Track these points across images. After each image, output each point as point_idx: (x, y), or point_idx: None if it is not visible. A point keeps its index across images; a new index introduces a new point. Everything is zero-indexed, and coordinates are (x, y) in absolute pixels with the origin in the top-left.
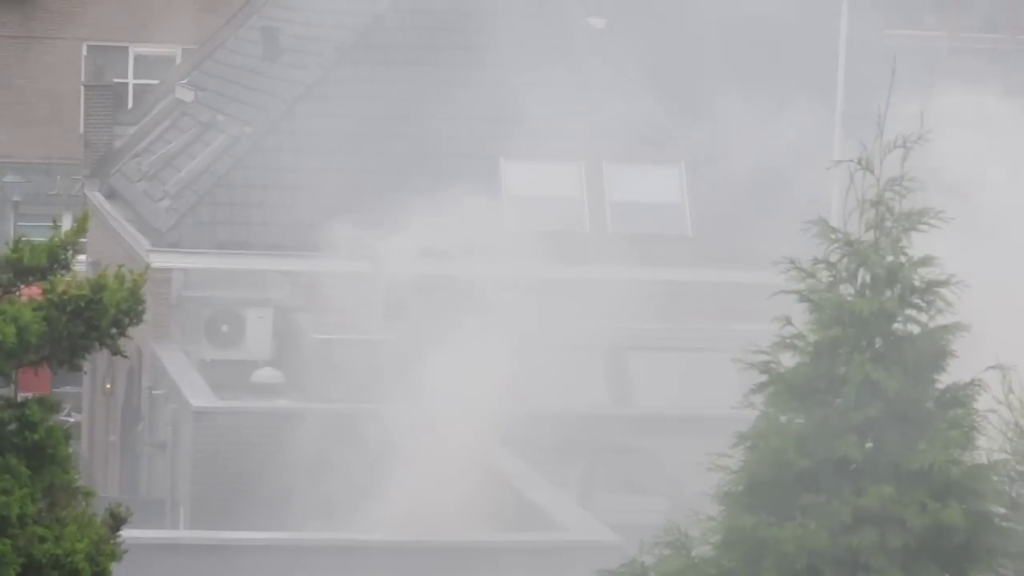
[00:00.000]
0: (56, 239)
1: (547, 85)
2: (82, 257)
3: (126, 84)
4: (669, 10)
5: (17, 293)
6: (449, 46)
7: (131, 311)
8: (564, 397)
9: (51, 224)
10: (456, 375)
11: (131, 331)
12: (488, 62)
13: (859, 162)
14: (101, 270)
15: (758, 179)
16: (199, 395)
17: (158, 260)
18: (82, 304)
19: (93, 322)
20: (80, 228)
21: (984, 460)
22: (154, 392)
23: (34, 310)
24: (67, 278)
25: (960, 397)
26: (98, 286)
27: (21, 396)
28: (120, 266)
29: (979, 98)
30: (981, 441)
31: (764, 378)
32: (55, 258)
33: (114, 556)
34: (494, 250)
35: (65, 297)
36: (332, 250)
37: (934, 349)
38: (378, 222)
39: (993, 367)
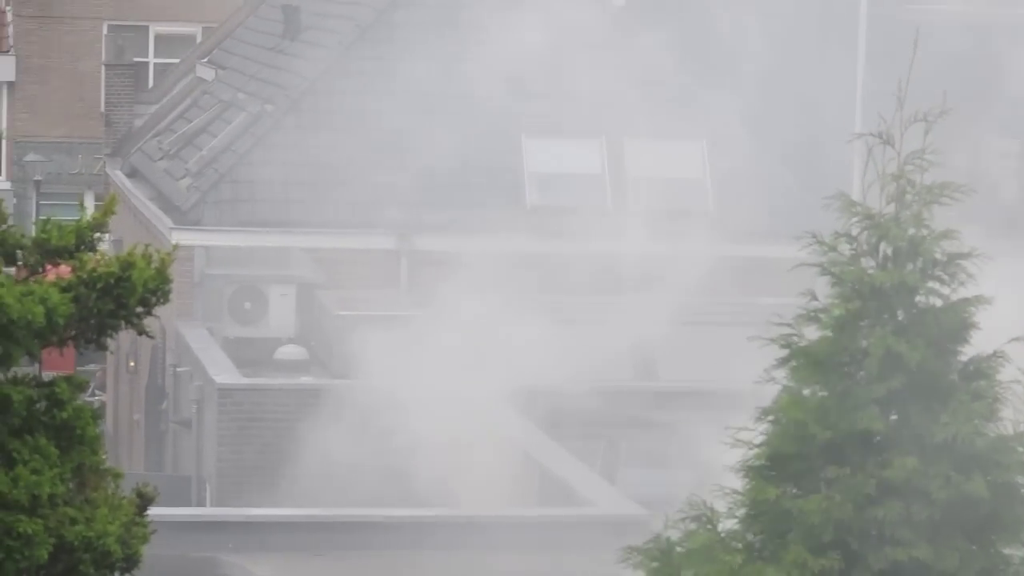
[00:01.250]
0: (84, 221)
1: (568, 62)
2: (106, 236)
3: (147, 63)
4: None
5: (43, 273)
6: (469, 23)
7: (158, 290)
8: (589, 372)
9: (74, 203)
10: (479, 351)
11: (157, 311)
12: (508, 39)
13: (879, 136)
14: (129, 248)
15: (781, 154)
16: (223, 372)
17: (180, 238)
18: (111, 282)
19: (122, 300)
20: (108, 209)
21: (1009, 431)
22: (178, 370)
23: (63, 290)
24: (96, 256)
25: (983, 369)
26: (126, 264)
27: (46, 375)
28: (147, 246)
29: None
30: (1005, 412)
31: (786, 352)
32: (83, 239)
33: (145, 539)
34: (517, 226)
35: (95, 275)
36: (355, 227)
37: (956, 321)
38: (400, 199)
39: (1017, 339)
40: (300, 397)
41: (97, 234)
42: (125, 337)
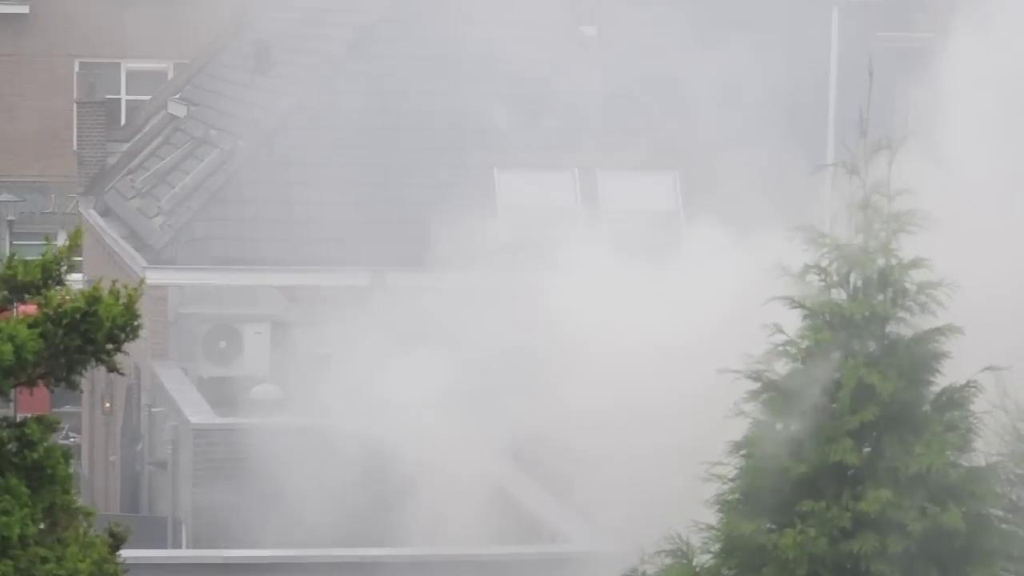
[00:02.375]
0: (49, 254)
1: (540, 94)
2: (78, 276)
3: (119, 100)
4: (660, 17)
5: (13, 311)
6: (441, 57)
7: (127, 326)
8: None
9: (45, 242)
10: (454, 388)
11: (129, 349)
12: (481, 72)
13: (844, 165)
14: (96, 283)
15: (752, 183)
16: (198, 412)
17: (154, 277)
18: (78, 316)
19: (89, 335)
20: (73, 243)
21: (982, 463)
22: (153, 410)
23: (29, 326)
24: (62, 291)
25: (956, 399)
26: (93, 298)
27: (20, 416)
28: (114, 281)
29: None
30: (978, 444)
31: (757, 385)
32: (49, 273)
33: None
34: (490, 260)
35: (61, 310)
36: (328, 263)
37: (928, 351)
38: (373, 235)
39: (988, 369)
40: (276, 437)
41: (63, 267)
42: (100, 378)
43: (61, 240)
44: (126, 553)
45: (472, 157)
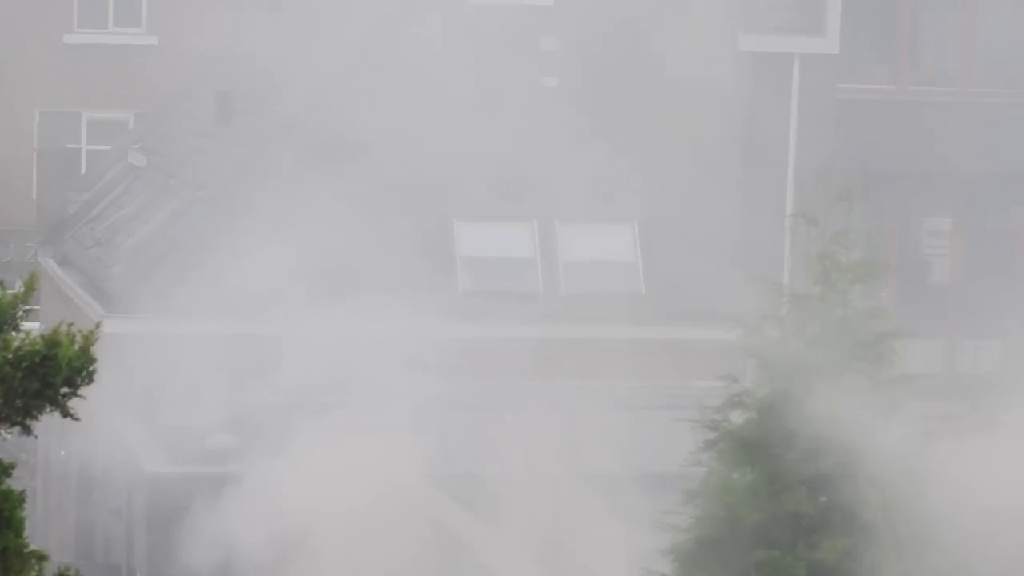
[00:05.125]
0: (6, 298)
1: (500, 144)
2: (35, 324)
3: (79, 150)
4: (621, 70)
5: None
6: (402, 107)
7: (83, 370)
8: (514, 456)
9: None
10: (409, 435)
11: (85, 395)
12: (440, 122)
13: (803, 216)
14: (55, 327)
15: (712, 236)
16: (153, 461)
17: (112, 326)
18: (37, 360)
19: (48, 379)
20: (30, 287)
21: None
22: (108, 458)
23: None
24: (21, 335)
25: (910, 449)
26: (52, 342)
27: None
28: (70, 324)
29: None
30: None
31: (713, 435)
32: (5, 318)
33: None
34: (448, 312)
35: (20, 353)
36: (286, 313)
37: (885, 401)
38: (331, 285)
39: (944, 418)
40: (231, 485)
41: (19, 312)
42: (55, 424)
43: (17, 289)
44: None
45: (431, 207)
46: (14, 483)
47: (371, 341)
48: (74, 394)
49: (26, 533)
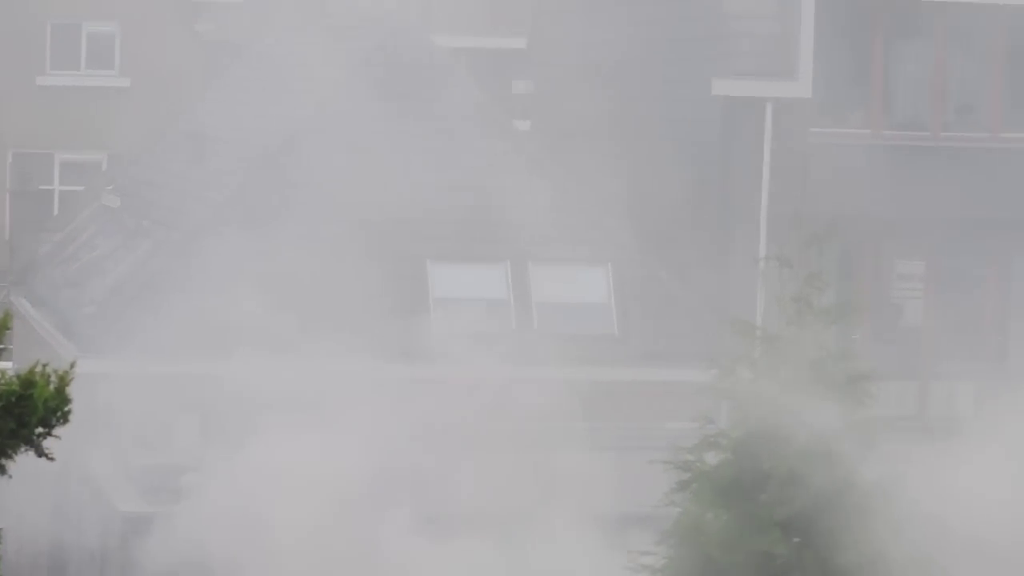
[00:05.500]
0: None
1: (472, 186)
2: (8, 364)
3: (52, 191)
4: (590, 113)
5: None
6: (373, 148)
7: (58, 410)
8: (487, 495)
9: None
10: (379, 477)
11: (59, 434)
12: (412, 164)
13: (777, 259)
14: (30, 367)
15: (685, 278)
16: (127, 500)
17: (85, 366)
18: (13, 400)
19: (24, 419)
20: (3, 327)
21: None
22: (82, 498)
23: None
24: None
25: (885, 490)
26: (27, 382)
27: None
28: (45, 365)
29: None
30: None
31: (687, 476)
32: None
33: None
34: (423, 352)
35: None
36: (258, 353)
37: (858, 443)
38: (305, 324)
39: (907, 464)
40: (205, 523)
41: None
42: (28, 462)
43: None
44: None
45: (405, 249)
46: None
47: (341, 381)
48: (49, 434)
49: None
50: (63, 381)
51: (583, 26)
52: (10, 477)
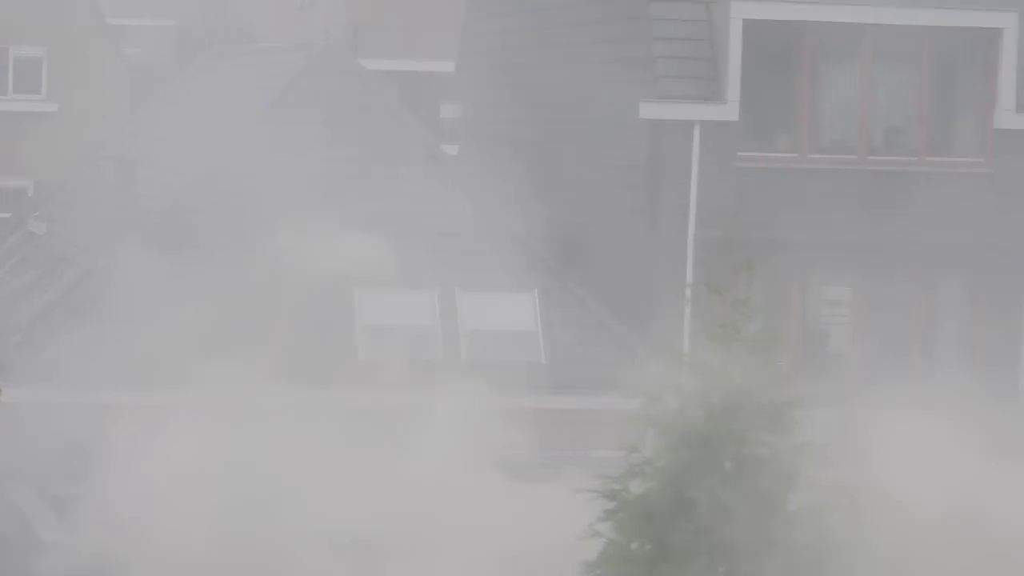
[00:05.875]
0: None
1: (399, 213)
2: None
3: None
4: (521, 138)
5: None
6: (298, 176)
7: None
8: (411, 526)
9: None
10: (303, 506)
11: None
12: (341, 192)
13: (704, 284)
14: None
15: (612, 305)
16: (52, 531)
17: (10, 395)
18: None
19: None
20: None
21: None
22: (4, 529)
23: None
24: None
25: (811, 519)
26: None
27: None
28: None
29: None
30: (832, 564)
31: (612, 505)
32: None
33: None
34: (349, 379)
35: None
36: (186, 382)
37: (784, 470)
38: (233, 353)
39: (832, 490)
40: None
41: None
42: None
43: None
44: None
45: (331, 277)
46: None
47: (268, 410)
48: None
49: None
50: None
51: (510, 49)
52: None
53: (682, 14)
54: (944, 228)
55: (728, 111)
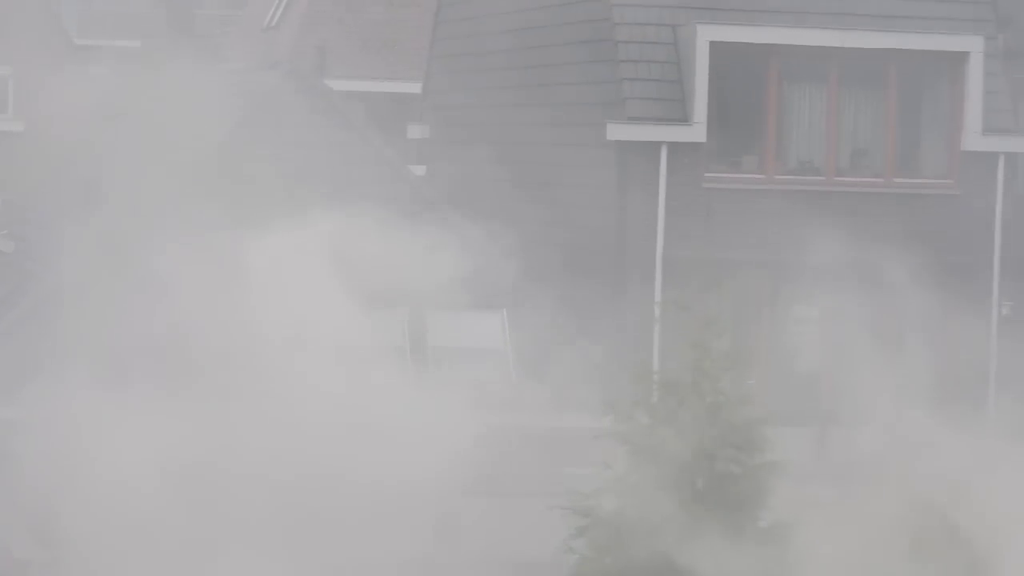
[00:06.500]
0: None
1: (369, 232)
2: None
3: None
4: (484, 156)
5: None
6: (265, 195)
7: None
8: (381, 544)
9: None
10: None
11: None
12: (313, 205)
13: (673, 304)
14: None
15: (581, 323)
16: (24, 547)
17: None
18: None
19: None
20: None
21: None
22: None
23: None
24: None
25: (777, 537)
26: None
27: None
28: None
29: None
30: None
31: (586, 521)
32: None
33: None
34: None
35: None
36: (151, 401)
37: (755, 487)
38: (201, 370)
39: (803, 507)
40: None
41: None
42: None
43: None
44: None
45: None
46: None
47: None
48: None
49: None
50: None
51: (476, 70)
52: None
53: (649, 36)
54: (910, 248)
55: (695, 132)
